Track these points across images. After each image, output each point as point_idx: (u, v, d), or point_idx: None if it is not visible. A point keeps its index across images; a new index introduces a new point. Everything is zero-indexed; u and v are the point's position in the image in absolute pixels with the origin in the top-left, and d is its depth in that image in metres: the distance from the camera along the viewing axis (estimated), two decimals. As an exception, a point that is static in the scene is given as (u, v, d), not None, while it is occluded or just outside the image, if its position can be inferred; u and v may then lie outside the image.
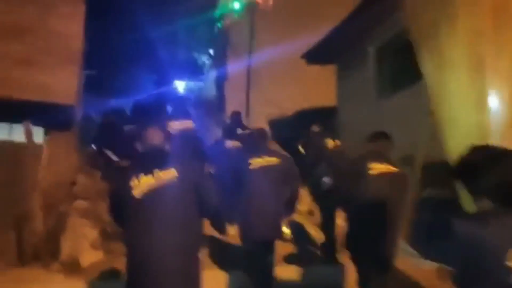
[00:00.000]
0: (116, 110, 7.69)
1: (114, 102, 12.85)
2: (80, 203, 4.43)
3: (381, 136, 3.26)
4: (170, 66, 15.82)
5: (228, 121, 7.65)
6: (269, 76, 10.27)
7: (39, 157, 5.18)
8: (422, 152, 4.96)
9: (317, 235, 5.19)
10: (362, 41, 5.94)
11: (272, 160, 3.49)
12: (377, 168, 3.00)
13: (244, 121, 9.86)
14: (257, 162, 3.45)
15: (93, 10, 9.32)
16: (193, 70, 15.88)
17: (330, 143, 4.85)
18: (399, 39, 5.39)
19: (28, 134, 3.77)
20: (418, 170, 4.91)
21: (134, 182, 2.13)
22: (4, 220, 4.28)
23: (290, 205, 3.69)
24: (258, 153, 3.54)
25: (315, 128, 5.17)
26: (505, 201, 1.30)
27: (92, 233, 3.91)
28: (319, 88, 9.54)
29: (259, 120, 9.84)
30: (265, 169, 3.43)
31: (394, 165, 3.09)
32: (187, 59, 16.12)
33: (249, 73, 10.60)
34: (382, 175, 2.97)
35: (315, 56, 6.78)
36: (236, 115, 6.45)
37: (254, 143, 3.76)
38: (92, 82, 11.66)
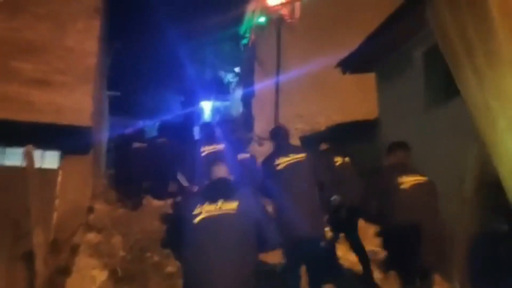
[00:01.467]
0: (135, 131, 7.35)
1: (140, 124, 12.67)
2: (93, 237, 3.92)
3: (400, 146, 3.19)
4: (197, 86, 15.61)
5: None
6: (299, 90, 9.68)
7: (52, 184, 4.78)
8: (477, 170, 4.21)
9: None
10: (406, 45, 5.24)
11: (300, 156, 3.32)
12: (407, 181, 2.92)
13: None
14: (284, 161, 3.28)
15: (119, 31, 9.21)
16: (220, 89, 15.56)
17: (338, 160, 4.60)
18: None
19: (29, 159, 3.33)
20: (472, 194, 4.17)
21: (198, 210, 2.26)
22: (10, 256, 3.84)
23: (325, 202, 3.50)
24: (283, 151, 3.38)
25: (323, 146, 4.91)
26: None
27: (101, 275, 3.36)
28: (355, 100, 8.85)
29: (292, 136, 9.21)
30: (293, 165, 3.26)
31: (421, 175, 3.00)
32: (213, 78, 15.85)
33: (277, 88, 10.05)
34: (414, 187, 2.91)
35: (351, 64, 6.11)
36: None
37: (278, 142, 3.60)
38: (118, 103, 11.54)
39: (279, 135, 3.60)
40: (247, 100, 11.43)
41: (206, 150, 4.39)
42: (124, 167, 5.98)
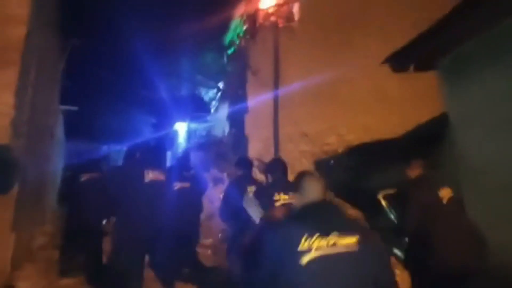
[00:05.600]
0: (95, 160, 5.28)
1: (103, 149, 10.44)
2: None
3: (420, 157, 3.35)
4: (171, 104, 13.57)
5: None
6: (303, 104, 7.93)
7: None
8: None
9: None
10: (496, 28, 3.60)
11: None
12: (446, 195, 3.05)
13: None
14: (284, 198, 3.07)
15: (78, 26, 7.17)
16: (198, 108, 13.57)
17: None
18: None
19: None
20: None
21: (304, 245, 1.67)
22: None
23: None
24: (282, 188, 3.12)
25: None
26: None
27: None
28: (376, 113, 7.20)
29: (295, 160, 7.37)
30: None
31: (449, 187, 3.14)
32: (191, 95, 13.88)
33: (276, 102, 8.25)
34: (452, 199, 3.05)
35: (408, 57, 4.32)
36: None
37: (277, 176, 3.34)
38: (76, 123, 9.30)
39: (278, 169, 3.42)
40: (236, 118, 9.53)
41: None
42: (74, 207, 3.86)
